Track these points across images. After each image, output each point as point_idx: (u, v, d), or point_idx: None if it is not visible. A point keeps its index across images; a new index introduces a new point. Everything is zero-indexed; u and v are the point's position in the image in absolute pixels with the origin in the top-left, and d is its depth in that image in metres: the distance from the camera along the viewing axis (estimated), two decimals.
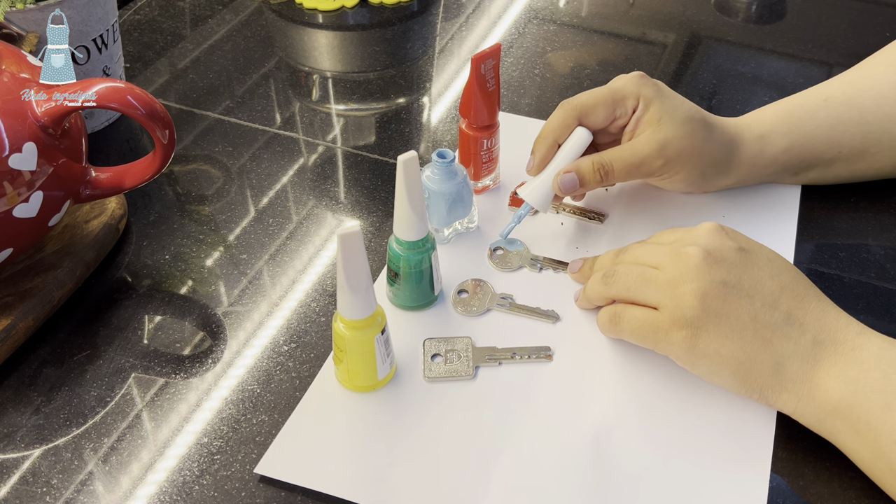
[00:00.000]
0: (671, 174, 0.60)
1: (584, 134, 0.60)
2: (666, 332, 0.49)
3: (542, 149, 0.60)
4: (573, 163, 0.59)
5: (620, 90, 0.59)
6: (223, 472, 0.49)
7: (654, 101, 0.59)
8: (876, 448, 0.45)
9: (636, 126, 0.59)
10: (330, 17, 0.91)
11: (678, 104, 0.59)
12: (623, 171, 0.59)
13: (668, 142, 0.58)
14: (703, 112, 0.61)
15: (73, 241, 0.60)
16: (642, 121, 0.59)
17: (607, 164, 0.59)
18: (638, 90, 0.59)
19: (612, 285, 0.52)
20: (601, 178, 0.59)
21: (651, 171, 0.60)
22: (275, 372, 0.54)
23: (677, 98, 0.60)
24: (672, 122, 0.58)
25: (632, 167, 0.59)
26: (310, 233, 0.65)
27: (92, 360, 0.55)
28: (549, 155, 0.60)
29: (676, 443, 0.49)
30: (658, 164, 0.59)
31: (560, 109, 0.60)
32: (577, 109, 0.59)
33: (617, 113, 0.60)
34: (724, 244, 0.50)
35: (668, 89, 0.60)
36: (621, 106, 0.59)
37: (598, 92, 0.60)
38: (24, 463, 0.50)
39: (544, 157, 0.60)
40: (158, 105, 0.54)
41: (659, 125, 0.58)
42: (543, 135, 0.61)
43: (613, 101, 0.59)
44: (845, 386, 0.46)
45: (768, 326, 0.47)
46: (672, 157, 0.59)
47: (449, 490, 0.47)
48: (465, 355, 0.54)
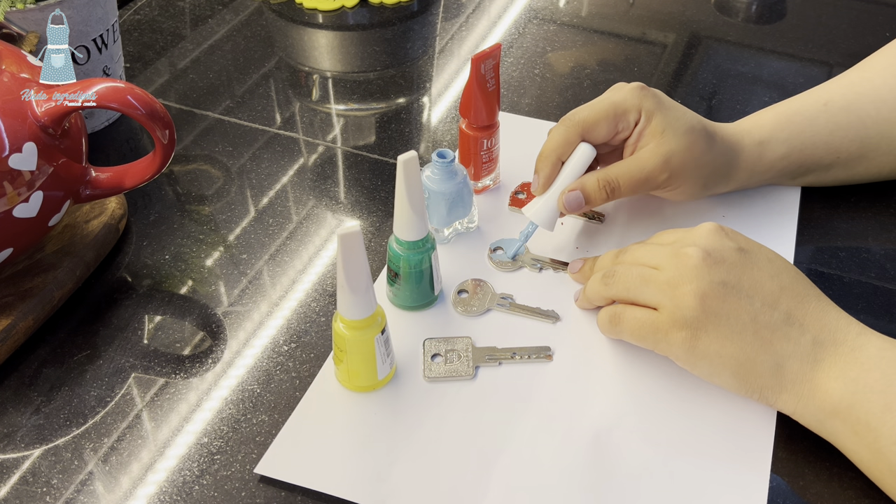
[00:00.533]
0: (675, 186, 0.60)
1: (588, 150, 0.59)
2: (666, 332, 0.49)
3: (546, 167, 0.59)
4: (578, 180, 0.59)
5: (622, 104, 0.59)
6: (223, 472, 0.49)
7: (656, 114, 0.58)
8: (875, 449, 0.45)
9: (639, 139, 0.59)
10: (330, 17, 0.91)
11: (680, 115, 0.59)
12: (630, 187, 0.59)
13: (673, 154, 0.58)
14: (704, 120, 0.61)
15: (73, 241, 0.60)
16: (645, 133, 0.59)
17: (613, 180, 0.58)
18: (639, 102, 0.58)
19: (611, 286, 0.52)
20: (607, 196, 0.58)
21: (657, 185, 0.59)
22: (275, 372, 0.54)
23: (678, 108, 0.60)
24: (675, 133, 0.58)
25: (638, 182, 0.59)
26: (310, 233, 0.65)
27: (92, 360, 0.55)
28: (554, 173, 0.59)
29: (676, 443, 0.49)
30: (663, 178, 0.59)
31: (562, 126, 0.59)
32: (579, 126, 0.59)
33: (619, 127, 0.59)
34: (724, 245, 0.50)
35: (668, 99, 0.60)
36: (623, 120, 0.59)
37: (599, 106, 0.59)
38: (24, 463, 0.50)
39: (549, 176, 0.59)
40: (158, 105, 0.54)
41: (662, 137, 0.58)
42: (546, 153, 0.60)
43: (615, 115, 0.58)
44: (845, 386, 0.46)
45: (768, 327, 0.47)
46: (676, 169, 0.58)
47: (449, 490, 0.47)
48: (465, 355, 0.54)
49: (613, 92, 0.60)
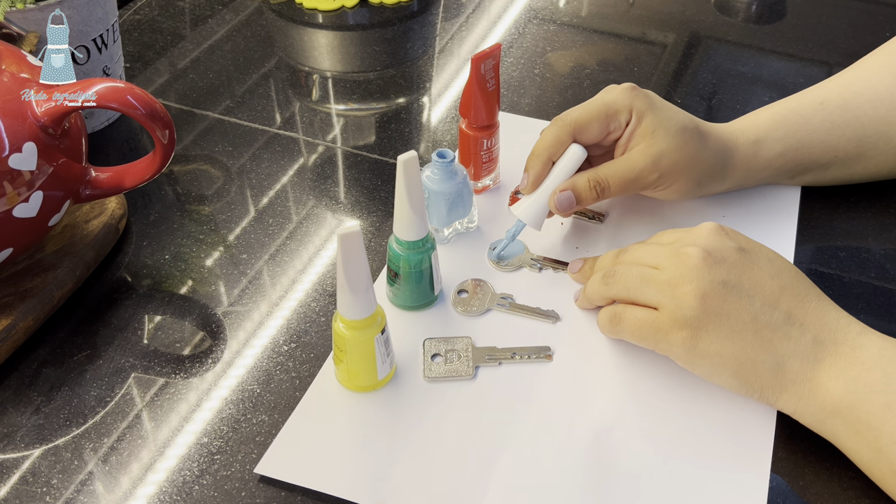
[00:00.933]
0: (666, 186, 0.60)
1: (578, 151, 0.59)
2: (666, 332, 0.49)
3: (537, 166, 0.59)
4: (569, 180, 0.59)
5: (613, 104, 0.59)
6: (223, 472, 0.49)
7: (647, 114, 0.58)
8: (876, 448, 0.45)
9: (629, 139, 0.59)
10: (330, 17, 0.91)
11: (671, 115, 0.59)
12: (619, 187, 0.59)
13: (663, 154, 0.58)
14: (696, 120, 0.61)
15: (73, 241, 0.60)
16: (636, 134, 0.58)
17: (603, 180, 0.58)
18: (630, 103, 0.58)
19: (612, 286, 0.52)
20: (597, 195, 0.58)
21: (647, 185, 0.59)
22: (275, 372, 0.54)
23: (670, 108, 0.60)
24: (666, 133, 0.58)
25: (628, 182, 0.59)
26: (310, 233, 0.65)
27: (92, 360, 0.55)
28: (544, 173, 0.59)
29: (676, 443, 0.49)
30: (653, 178, 0.59)
31: (554, 126, 0.59)
32: (571, 126, 0.59)
33: (611, 127, 0.59)
34: (724, 244, 0.50)
35: (660, 100, 0.60)
36: (615, 120, 0.59)
37: (590, 107, 0.59)
38: (24, 463, 0.50)
39: (538, 175, 0.59)
40: (158, 105, 0.54)
41: (653, 138, 0.58)
42: (537, 152, 0.60)
43: (607, 115, 0.58)
44: (845, 386, 0.46)
45: (768, 326, 0.47)
46: (667, 169, 0.58)
47: (449, 490, 0.47)
48: (465, 355, 0.54)
49: (605, 93, 0.60)
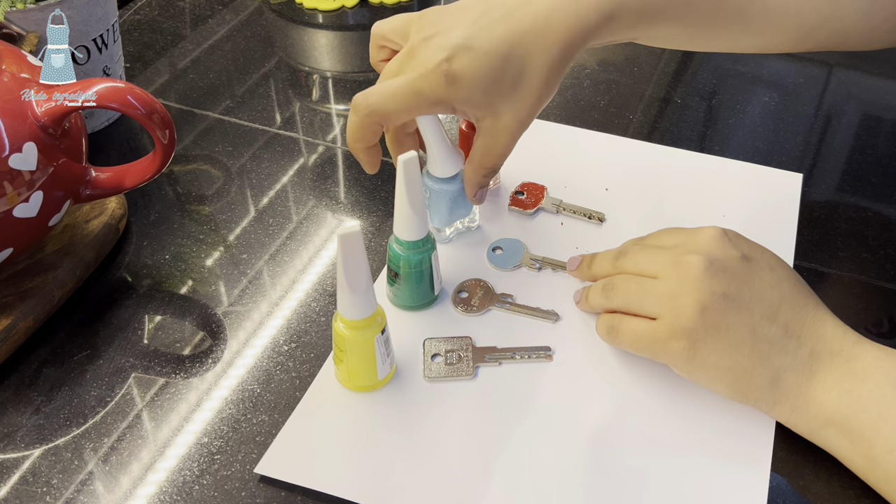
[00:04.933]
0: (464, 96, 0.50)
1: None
2: (664, 342, 0.49)
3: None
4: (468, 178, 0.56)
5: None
6: (223, 472, 0.49)
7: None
8: (870, 458, 0.45)
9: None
10: (330, 17, 0.91)
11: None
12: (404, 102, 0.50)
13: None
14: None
15: (73, 241, 0.60)
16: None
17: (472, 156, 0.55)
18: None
19: (612, 298, 0.52)
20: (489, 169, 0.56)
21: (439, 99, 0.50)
22: (275, 372, 0.54)
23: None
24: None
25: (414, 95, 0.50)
26: (310, 233, 0.65)
27: (92, 360, 0.55)
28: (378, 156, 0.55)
29: (676, 443, 0.49)
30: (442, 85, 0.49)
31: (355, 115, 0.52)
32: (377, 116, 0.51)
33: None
34: (727, 253, 0.49)
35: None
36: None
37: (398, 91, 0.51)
38: (24, 463, 0.50)
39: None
40: (158, 105, 0.54)
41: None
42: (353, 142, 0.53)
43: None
44: (840, 398, 0.46)
45: (766, 340, 0.47)
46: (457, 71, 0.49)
47: (449, 490, 0.47)
48: (465, 355, 0.54)
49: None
